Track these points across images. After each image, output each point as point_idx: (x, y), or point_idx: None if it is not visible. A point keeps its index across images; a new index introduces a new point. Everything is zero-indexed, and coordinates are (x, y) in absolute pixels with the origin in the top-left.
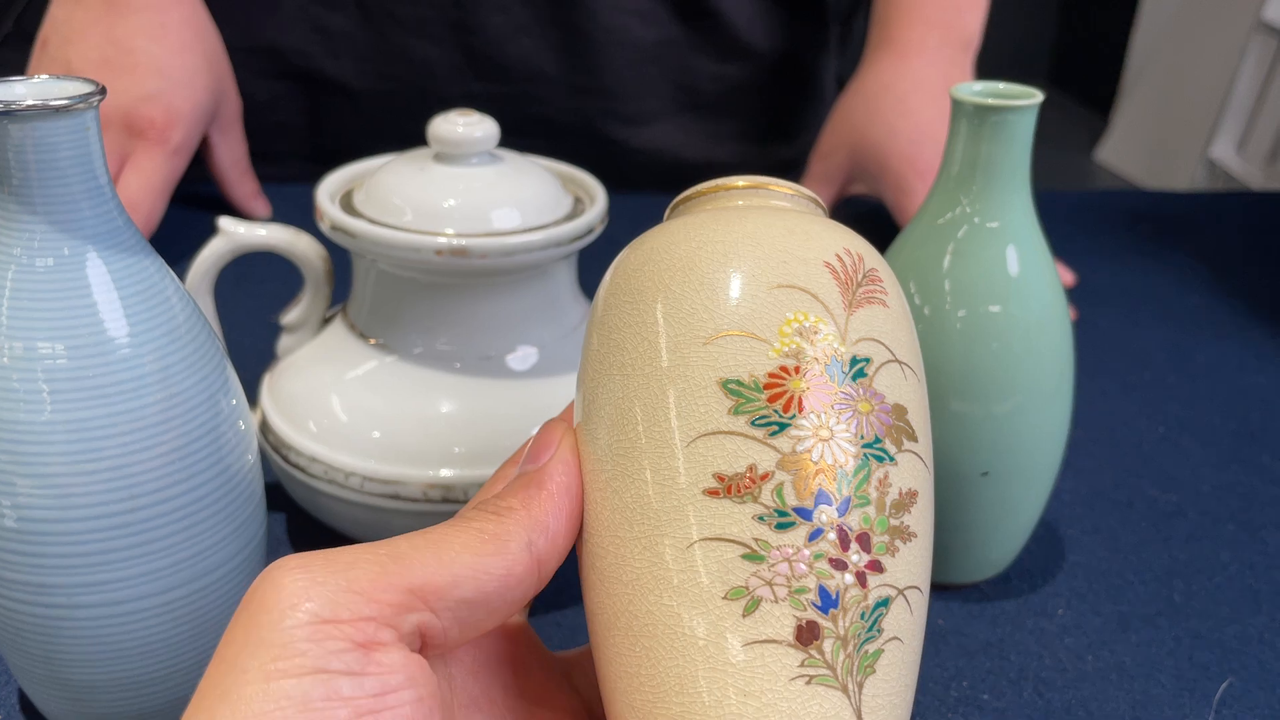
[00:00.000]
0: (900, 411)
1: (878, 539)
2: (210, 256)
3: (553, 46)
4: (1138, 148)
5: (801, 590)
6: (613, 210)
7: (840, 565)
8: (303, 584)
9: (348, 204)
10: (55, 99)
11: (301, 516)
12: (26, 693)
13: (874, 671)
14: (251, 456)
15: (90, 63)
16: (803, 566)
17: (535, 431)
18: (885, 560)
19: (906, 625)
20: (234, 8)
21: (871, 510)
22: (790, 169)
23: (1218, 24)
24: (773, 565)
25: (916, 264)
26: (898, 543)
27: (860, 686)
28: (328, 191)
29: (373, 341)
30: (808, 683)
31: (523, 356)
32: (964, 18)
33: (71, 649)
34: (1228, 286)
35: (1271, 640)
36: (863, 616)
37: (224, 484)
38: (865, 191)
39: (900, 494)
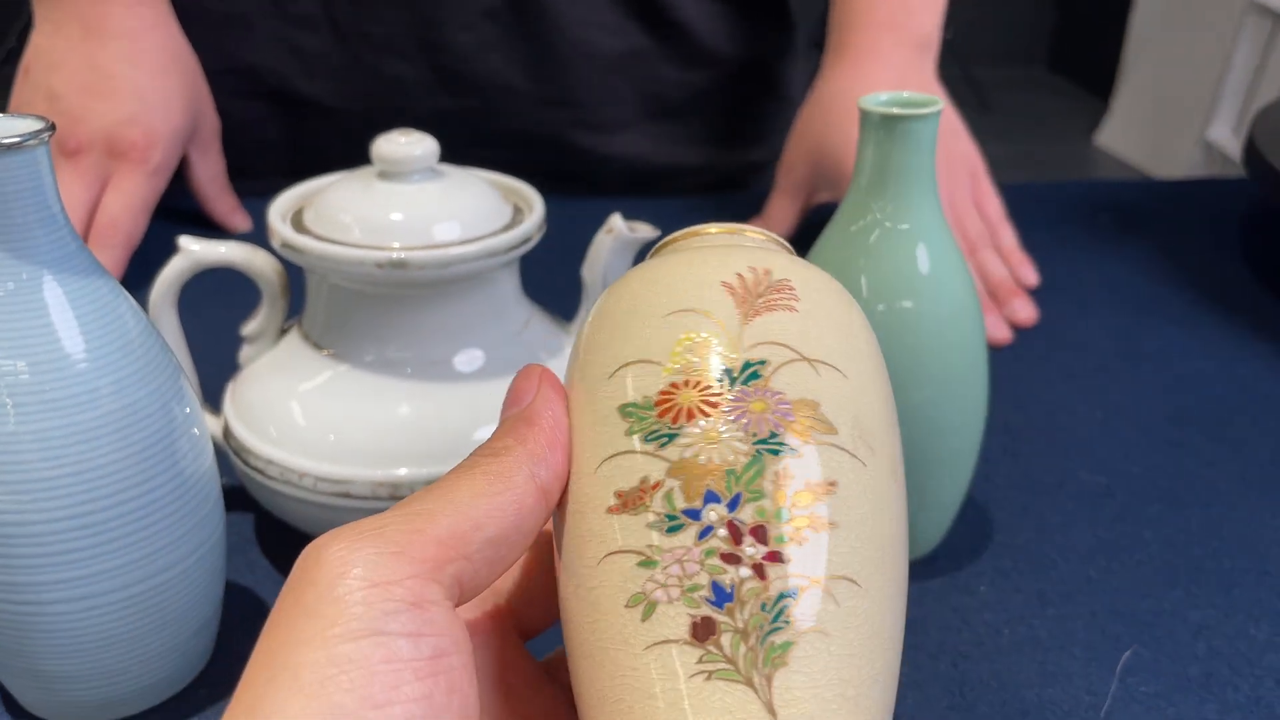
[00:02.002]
0: (809, 406)
1: (777, 530)
2: (171, 273)
3: (520, 61)
4: (1137, 132)
5: (694, 588)
6: (584, 215)
7: (733, 559)
8: (344, 552)
9: (298, 222)
10: (7, 137)
11: (267, 516)
12: (5, 684)
13: (785, 664)
14: (207, 460)
15: (72, 89)
16: (694, 565)
17: (481, 431)
18: (789, 551)
19: (833, 617)
20: (210, 31)
21: (768, 503)
22: (758, 171)
23: (1212, 6)
24: (665, 568)
25: (834, 266)
26: (807, 533)
27: (769, 679)
28: (279, 210)
29: (327, 351)
30: (707, 678)
31: (469, 360)
32: (917, 19)
33: (41, 642)
34: (1184, 273)
35: (1183, 613)
36: (764, 608)
37: (179, 486)
38: (831, 199)
39: (807, 484)
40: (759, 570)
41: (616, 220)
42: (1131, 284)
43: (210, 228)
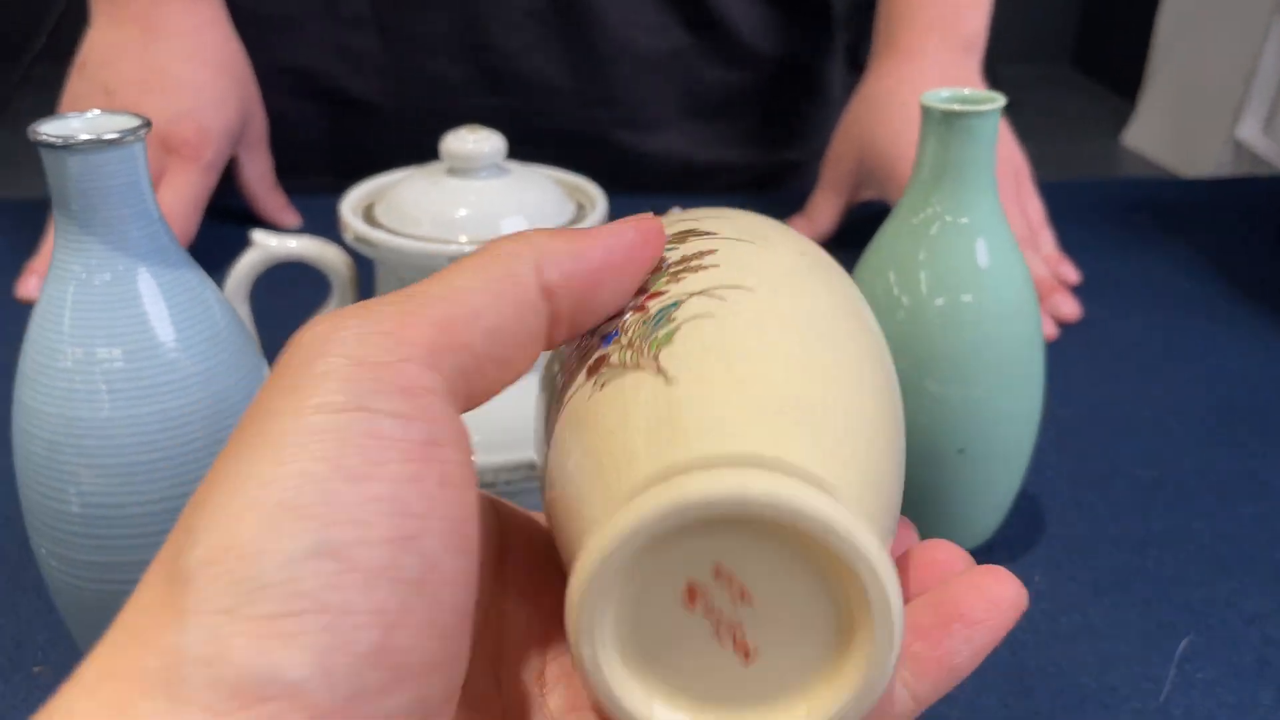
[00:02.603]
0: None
1: (658, 285)
2: (245, 267)
3: (564, 60)
4: (1164, 130)
5: (589, 351)
6: (623, 212)
7: (618, 315)
8: (326, 330)
9: (369, 216)
10: (107, 133)
11: None
12: None
13: (670, 342)
14: None
15: (128, 84)
16: (593, 339)
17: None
18: (669, 287)
19: (718, 307)
20: (262, 31)
21: (658, 280)
22: (797, 170)
23: (1240, 3)
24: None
25: (894, 258)
26: (684, 273)
27: (656, 358)
28: (350, 205)
29: None
30: (601, 387)
31: None
32: (964, 19)
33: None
34: (1223, 271)
35: (1236, 602)
36: (644, 323)
37: None
38: (876, 196)
39: (685, 258)
40: (641, 309)
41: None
42: (1171, 282)
43: (259, 225)
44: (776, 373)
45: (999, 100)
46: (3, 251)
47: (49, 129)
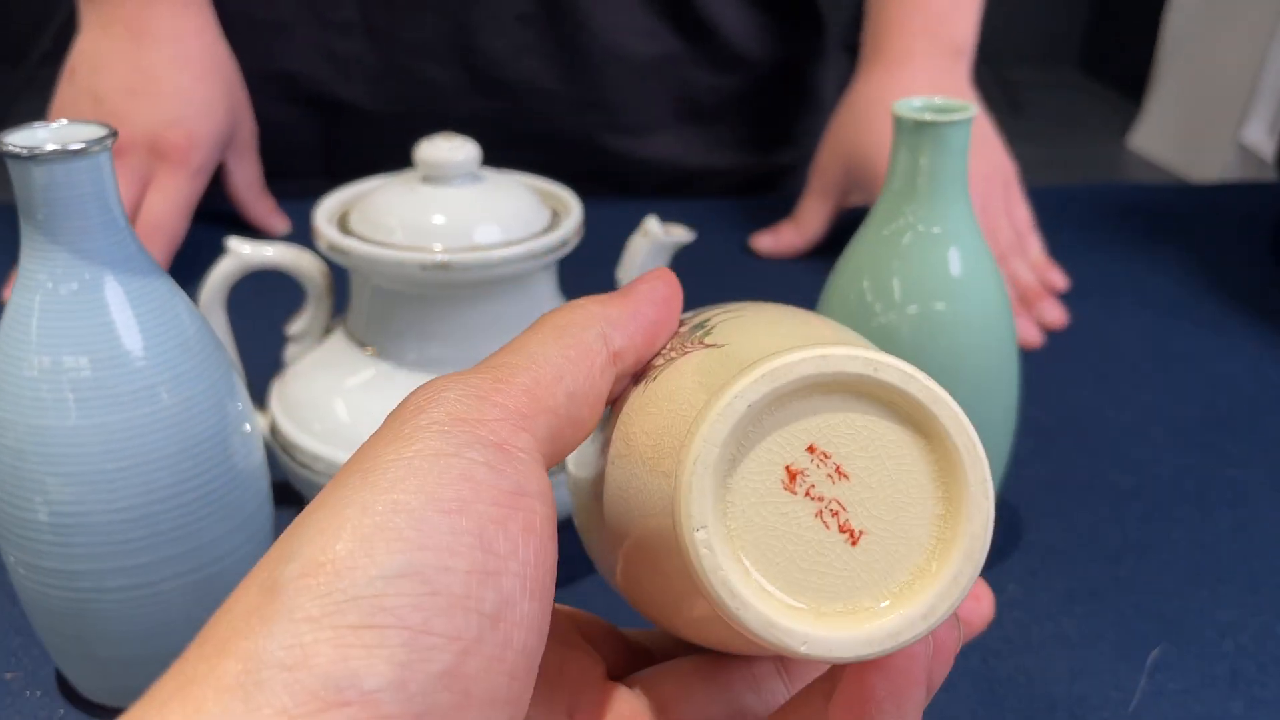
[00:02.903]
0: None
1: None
2: (220, 275)
3: (554, 65)
4: (1170, 133)
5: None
6: (614, 216)
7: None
8: (428, 393)
9: (344, 224)
10: (73, 143)
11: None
12: (62, 670)
13: (710, 332)
14: (257, 455)
15: (117, 91)
16: None
17: None
18: (691, 320)
19: (740, 311)
20: (250, 36)
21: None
22: (788, 173)
23: (1247, 7)
24: None
25: (868, 267)
26: (698, 316)
27: (701, 341)
28: (325, 213)
29: (369, 350)
30: (654, 379)
31: None
32: (952, 25)
33: (100, 628)
34: (1213, 277)
35: (1210, 612)
36: (680, 337)
37: (231, 480)
38: (863, 202)
39: (692, 316)
40: (675, 334)
41: (652, 223)
42: (1161, 287)
43: (247, 229)
44: (814, 331)
45: (971, 109)
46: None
47: (15, 139)
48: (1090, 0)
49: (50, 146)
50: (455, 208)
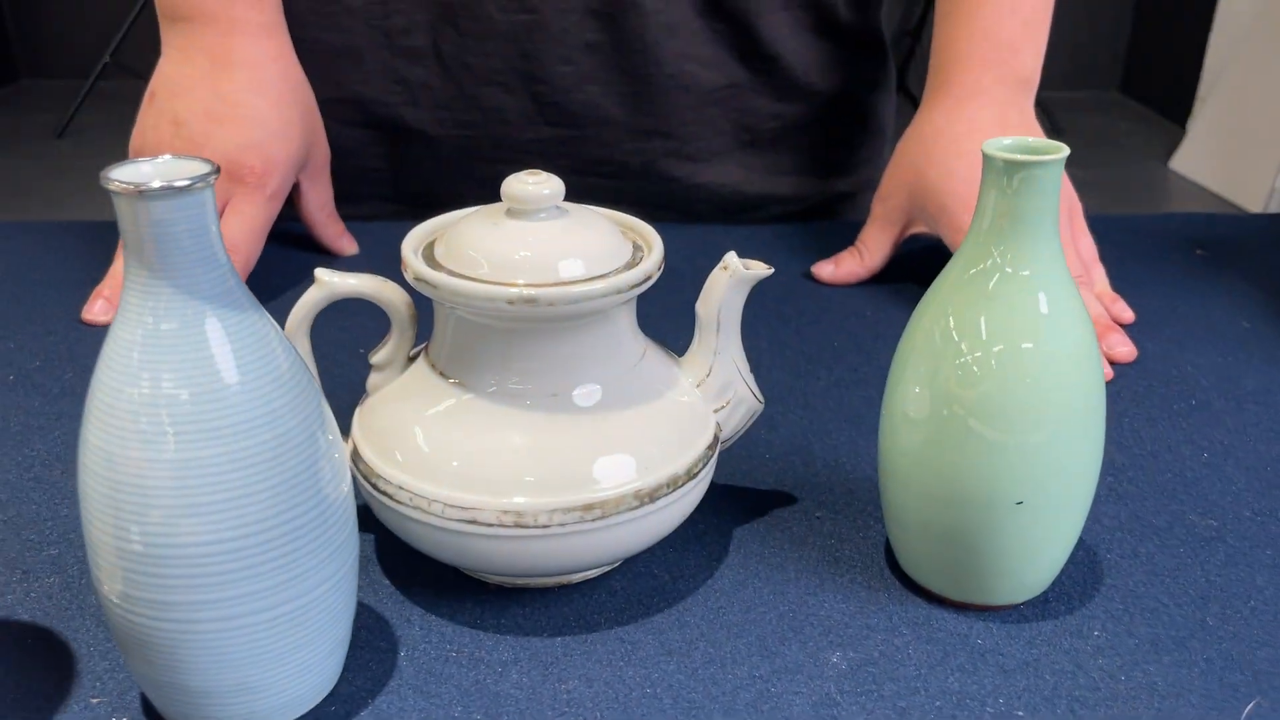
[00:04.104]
0: None
1: None
2: (307, 303)
3: (618, 92)
4: (1213, 156)
5: None
6: (675, 241)
7: None
8: None
9: (429, 256)
10: (179, 180)
11: (388, 537)
12: (149, 697)
13: None
14: (346, 487)
15: (197, 115)
16: None
17: (598, 462)
18: None
19: None
20: (323, 62)
21: None
22: (847, 201)
23: None
24: None
25: (954, 306)
26: None
27: None
28: (411, 244)
29: (452, 380)
30: None
31: (587, 393)
32: (1020, 57)
33: (190, 658)
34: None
35: None
36: None
37: (322, 512)
38: (926, 232)
39: None
40: None
41: (733, 258)
42: (1229, 320)
43: (317, 251)
44: None
45: (1063, 150)
46: (73, 271)
47: (121, 175)
48: (1132, 21)
49: (156, 184)
50: (540, 241)
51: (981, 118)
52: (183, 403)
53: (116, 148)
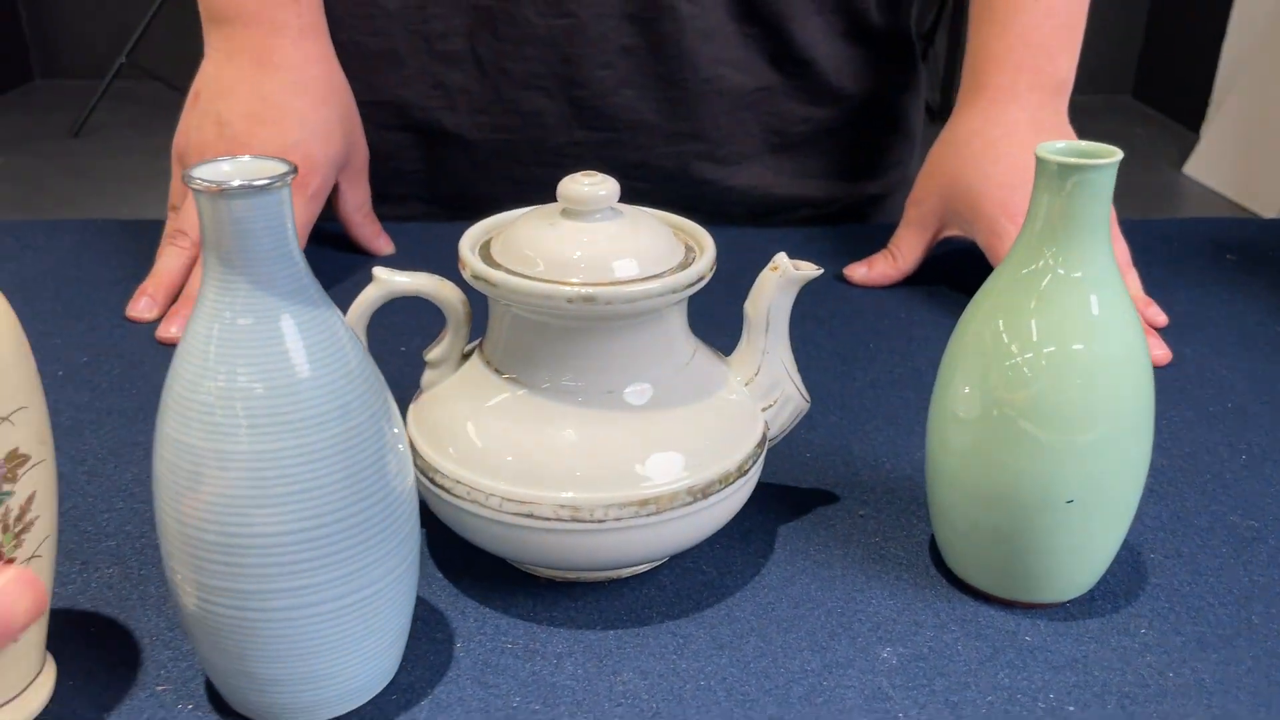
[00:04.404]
0: (12, 454)
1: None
2: (365, 301)
3: (653, 96)
4: (1226, 162)
5: None
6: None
7: None
8: None
9: (486, 254)
10: (258, 179)
11: (439, 533)
12: (215, 684)
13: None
14: (410, 480)
15: (240, 115)
16: None
17: (652, 459)
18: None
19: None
20: (363, 66)
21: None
22: (878, 204)
23: None
24: None
25: (1004, 308)
26: (23, 535)
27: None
28: (469, 242)
29: (506, 376)
30: None
31: (638, 391)
32: (1055, 61)
33: (259, 646)
34: None
35: None
36: None
37: (389, 504)
38: (959, 234)
39: (20, 508)
40: None
41: (783, 259)
42: (1261, 325)
43: (354, 251)
44: None
45: (1117, 154)
46: (111, 270)
47: (203, 174)
48: (1145, 26)
49: (237, 183)
50: (595, 242)
51: (1017, 121)
52: (257, 396)
53: (131, 148)
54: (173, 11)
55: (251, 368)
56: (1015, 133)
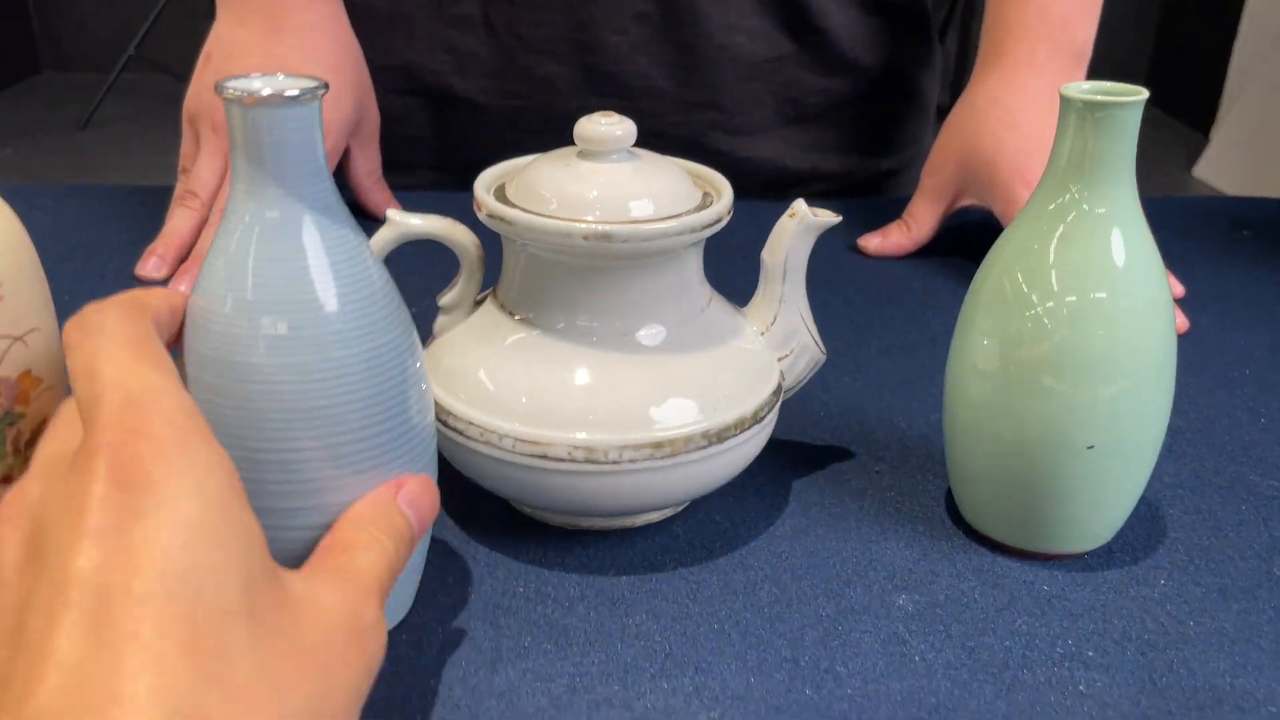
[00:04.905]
0: (24, 376)
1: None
2: (379, 242)
3: (667, 64)
4: (1236, 164)
5: None
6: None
7: None
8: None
9: (501, 195)
10: (288, 90)
11: (450, 479)
12: None
13: None
14: (430, 414)
15: None
16: None
17: (667, 402)
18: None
19: None
20: (374, 30)
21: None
22: (891, 178)
23: None
24: None
25: (1026, 253)
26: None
27: None
28: (484, 184)
29: (519, 317)
30: None
31: (653, 334)
32: (1074, 30)
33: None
34: None
35: None
36: None
37: (409, 433)
38: (976, 203)
39: (32, 432)
40: None
41: (801, 205)
42: (1278, 298)
43: (364, 215)
44: None
45: (1142, 93)
46: (119, 234)
47: (235, 84)
48: (1156, 29)
49: (268, 91)
50: (611, 183)
51: (1035, 88)
52: (282, 310)
53: (140, 141)
54: (181, 4)
55: (274, 281)
56: (1032, 100)
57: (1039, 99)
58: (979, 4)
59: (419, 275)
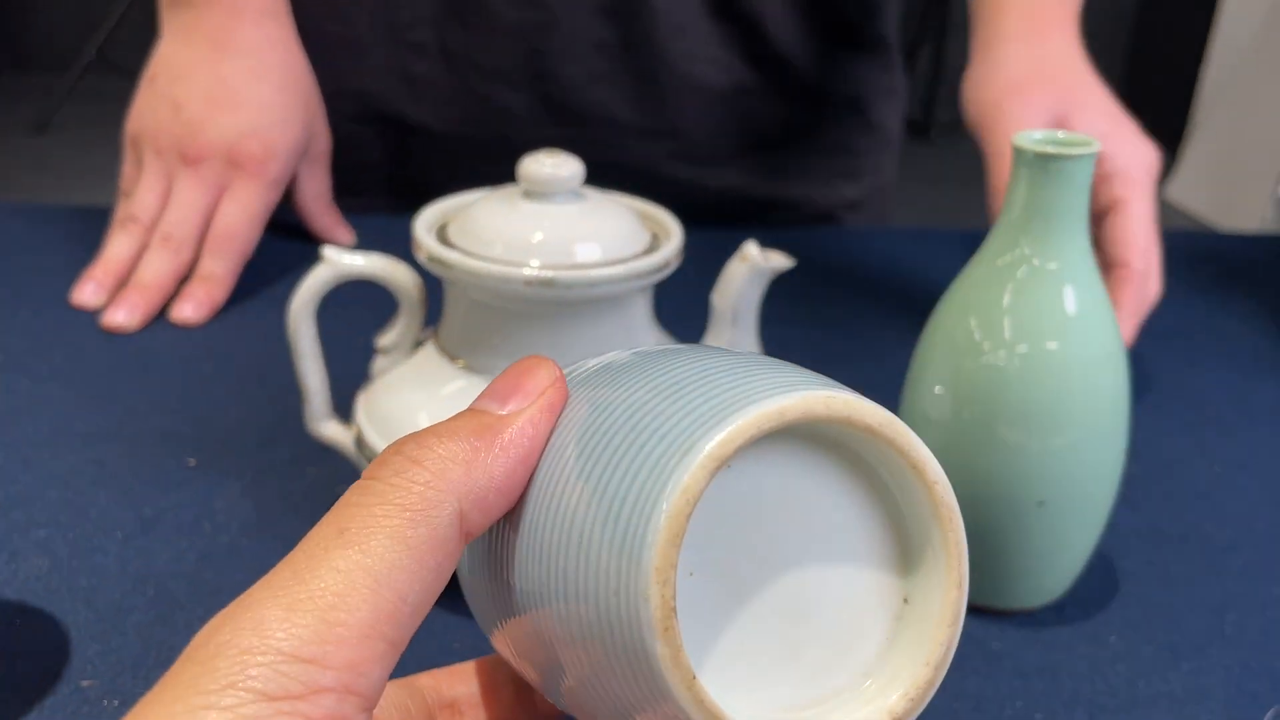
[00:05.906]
0: None
1: None
2: (314, 283)
3: (626, 93)
4: (1206, 185)
5: None
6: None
7: None
8: (243, 642)
9: (443, 236)
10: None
11: None
12: None
13: None
14: None
15: (197, 99)
16: None
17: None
18: None
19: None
20: (326, 54)
21: None
22: (853, 209)
23: None
24: None
25: (977, 302)
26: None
27: None
28: (424, 224)
29: (460, 363)
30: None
31: None
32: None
33: None
34: None
35: None
36: None
37: None
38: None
39: None
40: None
41: (752, 248)
42: (1239, 336)
43: (312, 240)
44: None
45: (1094, 145)
46: (58, 255)
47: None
48: (1126, 50)
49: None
50: (557, 225)
51: (1058, 45)
52: None
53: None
54: (143, 6)
55: None
56: (1059, 52)
57: (1063, 49)
58: (950, 26)
59: (357, 307)
